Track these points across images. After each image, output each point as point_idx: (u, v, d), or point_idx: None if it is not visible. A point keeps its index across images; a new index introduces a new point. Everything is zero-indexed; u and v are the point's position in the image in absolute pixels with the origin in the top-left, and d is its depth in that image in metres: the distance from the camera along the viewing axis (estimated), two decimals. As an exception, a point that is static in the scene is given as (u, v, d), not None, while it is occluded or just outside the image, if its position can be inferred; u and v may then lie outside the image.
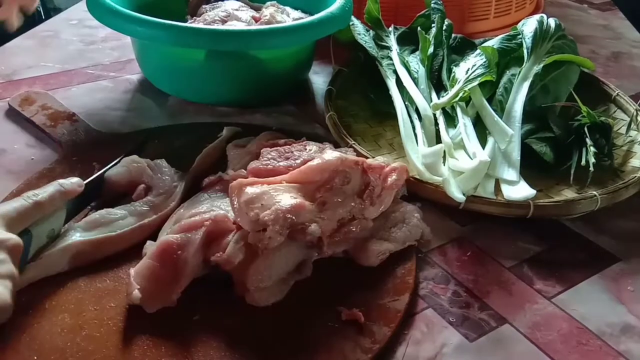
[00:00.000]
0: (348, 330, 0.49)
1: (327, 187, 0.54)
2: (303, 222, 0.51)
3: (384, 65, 0.79)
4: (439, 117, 0.70)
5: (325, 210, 0.53)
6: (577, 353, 0.49)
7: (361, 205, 0.56)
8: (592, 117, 0.69)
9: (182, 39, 0.70)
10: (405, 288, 0.53)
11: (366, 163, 0.57)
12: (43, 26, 1.06)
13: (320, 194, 0.53)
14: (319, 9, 0.78)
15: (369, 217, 0.56)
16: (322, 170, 0.54)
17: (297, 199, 0.51)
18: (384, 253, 0.55)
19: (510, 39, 0.77)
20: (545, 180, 0.67)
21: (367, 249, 0.55)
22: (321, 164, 0.54)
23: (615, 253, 0.60)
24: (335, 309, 0.50)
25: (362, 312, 0.49)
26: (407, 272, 0.54)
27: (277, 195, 0.51)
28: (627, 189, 0.62)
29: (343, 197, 0.55)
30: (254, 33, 0.73)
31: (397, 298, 0.52)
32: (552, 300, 0.54)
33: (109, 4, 0.72)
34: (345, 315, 0.50)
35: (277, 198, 0.51)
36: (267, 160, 0.58)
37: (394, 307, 0.51)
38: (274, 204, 0.49)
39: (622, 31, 1.18)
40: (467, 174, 0.61)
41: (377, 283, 0.53)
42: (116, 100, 0.82)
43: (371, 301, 0.51)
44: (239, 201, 0.50)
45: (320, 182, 0.54)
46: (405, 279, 0.54)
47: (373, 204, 0.56)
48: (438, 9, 0.83)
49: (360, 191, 0.56)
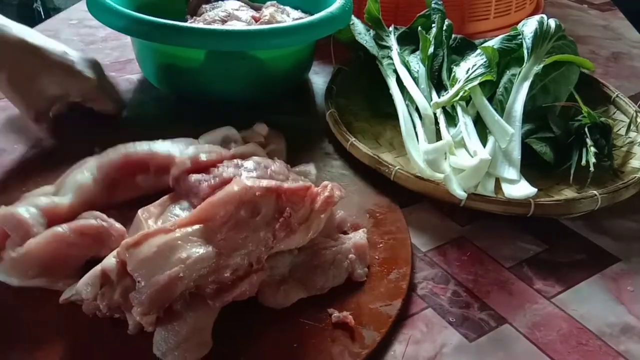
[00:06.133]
0: (337, 334, 0.48)
1: (231, 224, 0.47)
2: (204, 280, 0.45)
3: (384, 64, 0.79)
4: (439, 116, 0.70)
5: (226, 254, 0.46)
6: (576, 353, 0.49)
7: (271, 238, 0.48)
8: (592, 118, 0.69)
9: (182, 39, 0.70)
10: (399, 293, 0.52)
11: (282, 189, 0.49)
12: (43, 26, 1.06)
13: (222, 235, 0.46)
14: (319, 9, 0.78)
15: (292, 246, 0.51)
16: (224, 204, 0.47)
17: (170, 272, 0.43)
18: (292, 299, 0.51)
19: (511, 39, 0.77)
20: (546, 180, 0.67)
21: (275, 294, 0.50)
22: (222, 197, 0.47)
23: (615, 253, 0.60)
24: (326, 311, 0.50)
25: (353, 316, 0.49)
26: (401, 277, 0.54)
27: (162, 260, 0.44)
28: (627, 189, 0.62)
29: (250, 232, 0.47)
30: (254, 33, 0.73)
31: (389, 303, 0.51)
32: (551, 300, 0.54)
33: (109, 4, 0.72)
34: (335, 318, 0.49)
35: (159, 265, 0.44)
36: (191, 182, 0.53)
37: (385, 312, 0.50)
38: (150, 278, 0.43)
39: (622, 31, 1.18)
40: (468, 171, 0.61)
41: (371, 287, 0.53)
42: (116, 100, 0.81)
43: (363, 305, 0.51)
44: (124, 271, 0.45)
45: (225, 218, 0.47)
46: (399, 284, 0.53)
47: (292, 232, 0.49)
48: (438, 9, 0.83)
49: (273, 221, 0.49)
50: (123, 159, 0.56)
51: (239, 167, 0.54)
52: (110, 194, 0.56)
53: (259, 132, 0.66)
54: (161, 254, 0.44)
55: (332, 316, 0.49)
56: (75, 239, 0.49)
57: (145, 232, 0.45)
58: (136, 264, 0.44)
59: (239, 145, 0.61)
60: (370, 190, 0.65)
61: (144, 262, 0.44)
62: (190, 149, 0.57)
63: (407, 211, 0.63)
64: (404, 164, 0.68)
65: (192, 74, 0.78)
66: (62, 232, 0.49)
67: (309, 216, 0.50)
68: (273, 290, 0.50)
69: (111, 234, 0.50)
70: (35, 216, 0.50)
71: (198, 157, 0.56)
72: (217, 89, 0.79)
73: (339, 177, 0.67)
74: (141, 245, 0.44)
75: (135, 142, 0.58)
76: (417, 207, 0.64)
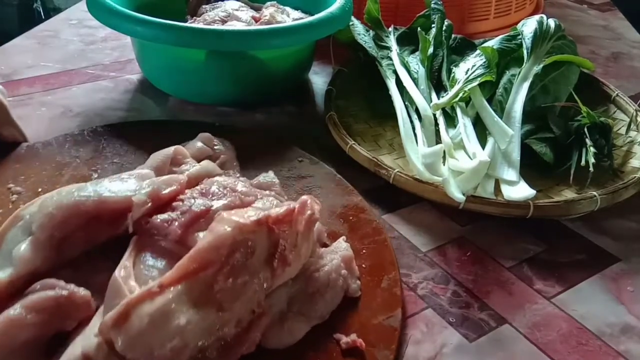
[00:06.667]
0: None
1: (227, 272, 0.40)
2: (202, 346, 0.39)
3: (384, 65, 0.79)
4: (438, 117, 0.70)
5: (227, 307, 0.40)
6: (576, 353, 0.49)
7: (270, 276, 0.43)
8: (592, 118, 0.69)
9: (182, 39, 0.70)
10: (396, 302, 0.50)
11: (271, 218, 0.43)
12: (43, 26, 1.06)
13: (219, 286, 0.40)
14: (319, 9, 0.78)
15: (287, 279, 0.46)
16: (216, 249, 0.40)
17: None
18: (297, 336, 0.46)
19: (510, 40, 0.77)
20: (545, 180, 0.67)
21: (280, 335, 0.45)
22: (212, 242, 0.40)
23: (615, 253, 0.60)
24: (332, 337, 0.46)
25: (359, 336, 0.46)
26: (393, 283, 0.51)
27: (158, 332, 0.37)
28: (627, 189, 0.62)
29: (249, 275, 0.42)
30: (254, 33, 0.73)
31: (390, 314, 0.48)
32: (551, 300, 0.54)
33: (109, 4, 0.72)
34: (344, 345, 0.45)
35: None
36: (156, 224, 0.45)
37: (389, 325, 0.48)
38: (149, 357, 0.37)
39: (621, 31, 1.18)
40: (467, 174, 0.61)
41: (367, 300, 0.50)
42: (116, 100, 0.82)
43: (366, 322, 0.48)
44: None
45: (219, 266, 0.40)
46: (393, 291, 0.50)
47: (288, 264, 0.44)
48: (438, 10, 0.83)
49: (270, 256, 0.43)
50: (67, 213, 0.44)
51: (206, 195, 0.48)
52: (58, 254, 0.45)
53: (205, 144, 0.61)
54: (155, 325, 0.37)
55: (341, 342, 0.46)
56: (33, 319, 0.40)
57: (127, 301, 0.37)
58: (128, 343, 0.36)
59: (189, 165, 0.55)
60: (337, 189, 0.62)
61: (137, 340, 0.36)
62: (146, 185, 0.47)
63: (407, 211, 0.63)
64: (404, 165, 0.68)
65: (192, 74, 0.78)
66: (17, 316, 0.40)
67: (296, 241, 0.45)
68: (276, 330, 0.45)
69: (74, 303, 0.41)
70: None
71: (158, 193, 0.47)
72: (217, 89, 0.79)
73: (304, 179, 0.64)
74: (128, 318, 0.37)
75: (75, 186, 0.47)
76: (417, 207, 0.64)
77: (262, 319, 0.43)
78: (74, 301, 0.41)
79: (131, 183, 0.48)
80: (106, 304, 0.40)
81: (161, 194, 0.47)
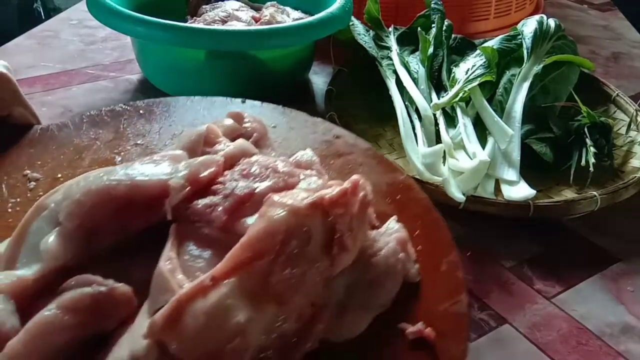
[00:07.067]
0: (419, 353, 0.41)
1: (283, 261, 0.36)
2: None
3: (384, 65, 0.79)
4: (439, 117, 0.70)
5: (287, 300, 0.37)
6: (576, 353, 0.49)
7: (329, 265, 0.39)
8: (592, 118, 0.69)
9: (182, 39, 0.70)
10: (460, 285, 0.45)
11: (326, 199, 0.39)
12: (43, 26, 1.06)
13: (277, 277, 0.36)
14: (319, 9, 0.78)
15: (344, 266, 0.41)
16: (271, 236, 0.36)
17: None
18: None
19: (510, 40, 0.77)
20: (545, 180, 0.67)
21: (341, 328, 0.41)
22: (266, 229, 0.37)
23: (615, 253, 0.60)
24: (395, 327, 0.42)
25: (426, 325, 0.41)
26: (452, 265, 0.46)
27: (217, 331, 0.34)
28: (627, 189, 0.62)
29: (307, 265, 0.38)
30: (254, 33, 0.73)
31: (456, 300, 0.44)
32: (552, 300, 0.54)
33: (109, 4, 0.72)
34: (411, 335, 0.41)
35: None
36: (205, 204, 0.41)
37: (457, 312, 0.43)
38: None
39: (622, 32, 1.18)
40: (467, 174, 0.61)
41: (427, 285, 0.45)
42: (116, 100, 0.82)
43: (430, 309, 0.43)
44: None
45: (274, 254, 0.36)
46: (455, 274, 0.46)
47: (347, 250, 0.40)
48: (438, 9, 0.83)
49: (327, 242, 0.39)
50: (97, 200, 0.40)
51: (247, 177, 0.44)
52: (88, 245, 0.40)
53: (236, 121, 0.55)
54: (212, 324, 0.33)
55: (407, 333, 0.41)
56: (70, 320, 0.36)
57: (177, 297, 0.34)
58: (183, 346, 0.33)
59: (223, 144, 0.50)
60: (379, 167, 0.57)
61: (193, 342, 0.33)
62: (182, 167, 0.43)
63: (407, 211, 0.63)
64: (404, 165, 0.68)
65: (192, 74, 0.78)
66: (52, 317, 0.35)
67: (350, 224, 0.40)
68: (336, 323, 0.41)
69: (114, 300, 0.37)
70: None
71: (196, 176, 0.43)
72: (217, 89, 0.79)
73: (342, 157, 0.59)
74: (181, 317, 0.33)
75: (103, 170, 0.43)
76: (417, 207, 0.64)
77: (323, 312, 0.39)
78: (114, 298, 0.37)
79: (165, 165, 0.44)
80: (151, 300, 0.36)
81: (199, 177, 0.43)
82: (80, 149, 0.58)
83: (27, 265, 0.39)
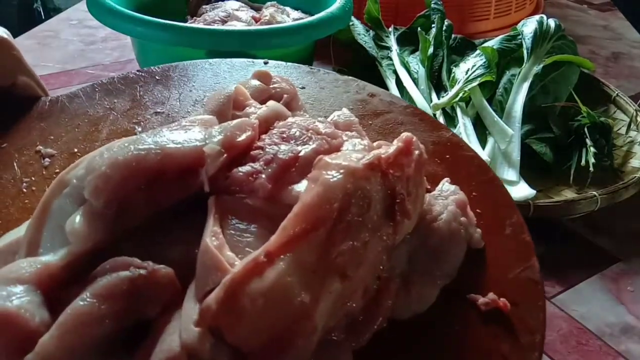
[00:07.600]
0: (493, 325, 0.37)
1: (342, 229, 0.32)
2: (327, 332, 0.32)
3: (384, 65, 0.79)
4: (439, 117, 0.70)
5: (351, 274, 0.32)
6: (576, 353, 0.49)
7: (392, 232, 0.35)
8: (592, 118, 0.69)
9: (182, 39, 0.70)
10: (528, 249, 0.41)
11: (383, 159, 0.35)
12: (43, 26, 1.06)
13: (338, 249, 0.32)
14: (319, 9, 0.78)
15: (407, 232, 0.38)
16: (328, 203, 0.32)
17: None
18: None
19: (510, 40, 0.77)
20: (545, 180, 0.67)
21: (408, 301, 0.37)
22: (321, 194, 0.32)
23: (615, 253, 0.60)
24: (465, 299, 0.38)
25: (497, 294, 0.38)
26: (517, 228, 0.43)
27: (279, 314, 0.30)
28: (627, 189, 0.62)
29: (369, 233, 0.33)
30: (254, 33, 0.73)
31: (526, 265, 0.40)
32: (552, 300, 0.54)
33: (109, 4, 0.72)
34: (484, 306, 0.38)
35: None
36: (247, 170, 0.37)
37: (528, 278, 0.39)
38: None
39: (622, 31, 1.18)
40: (467, 174, 0.61)
41: (491, 250, 0.41)
42: (116, 100, 0.82)
43: (499, 277, 0.39)
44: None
45: (332, 223, 0.32)
46: (521, 237, 0.42)
47: (409, 216, 0.36)
48: (438, 10, 0.83)
49: (388, 207, 0.35)
50: (125, 172, 0.35)
51: (288, 140, 0.40)
52: (117, 223, 0.36)
53: (263, 82, 0.50)
54: (274, 305, 0.29)
55: (479, 304, 0.38)
56: (108, 309, 0.31)
57: (230, 277, 0.30)
58: (244, 331, 0.29)
59: (253, 107, 0.45)
60: (423, 125, 0.53)
61: (253, 327, 0.29)
62: (216, 132, 0.39)
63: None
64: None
65: (192, 74, 0.78)
66: (89, 307, 0.31)
67: (408, 187, 0.36)
68: (403, 297, 0.37)
69: (156, 283, 0.33)
70: (26, 300, 0.32)
71: (232, 141, 0.38)
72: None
73: (381, 116, 0.55)
74: (238, 300, 0.29)
75: (127, 140, 0.38)
76: (417, 207, 0.64)
77: (390, 284, 0.35)
78: (155, 281, 0.33)
79: (196, 131, 0.39)
80: (200, 282, 0.32)
81: (236, 142, 0.38)
82: (96, 121, 0.53)
83: (51, 250, 0.35)
